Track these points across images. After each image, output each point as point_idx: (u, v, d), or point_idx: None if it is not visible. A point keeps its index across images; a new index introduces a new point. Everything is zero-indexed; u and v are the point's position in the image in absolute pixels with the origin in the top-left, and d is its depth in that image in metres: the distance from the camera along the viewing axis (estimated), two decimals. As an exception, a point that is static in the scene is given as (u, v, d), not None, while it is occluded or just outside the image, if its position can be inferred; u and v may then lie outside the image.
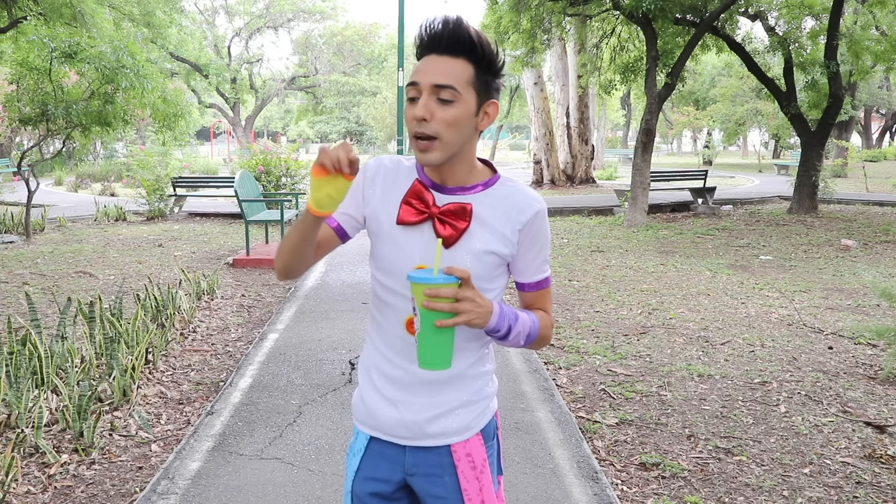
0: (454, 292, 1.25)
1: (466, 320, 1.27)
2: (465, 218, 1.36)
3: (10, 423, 3.48)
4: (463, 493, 1.42)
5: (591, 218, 13.18)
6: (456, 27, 1.30)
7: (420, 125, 1.30)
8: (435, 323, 1.25)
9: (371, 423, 1.46)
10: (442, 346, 1.29)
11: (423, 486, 1.44)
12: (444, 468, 1.43)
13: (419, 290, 1.25)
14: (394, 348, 1.42)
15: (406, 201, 1.38)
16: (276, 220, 8.32)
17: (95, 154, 26.97)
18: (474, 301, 1.28)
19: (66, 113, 9.11)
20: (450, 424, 1.42)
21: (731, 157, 44.57)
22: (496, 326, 1.34)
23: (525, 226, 1.39)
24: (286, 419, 3.75)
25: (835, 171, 16.86)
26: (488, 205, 1.38)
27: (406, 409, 1.42)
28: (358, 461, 1.48)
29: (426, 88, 1.30)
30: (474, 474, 1.43)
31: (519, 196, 1.40)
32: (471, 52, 1.31)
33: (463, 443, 1.44)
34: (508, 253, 1.40)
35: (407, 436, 1.43)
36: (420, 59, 1.33)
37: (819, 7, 12.81)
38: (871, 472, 3.19)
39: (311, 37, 31.69)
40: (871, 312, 6.04)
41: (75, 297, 5.38)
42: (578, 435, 3.56)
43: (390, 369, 1.43)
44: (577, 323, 5.76)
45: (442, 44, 1.30)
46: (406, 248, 1.38)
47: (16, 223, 10.62)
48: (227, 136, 40.72)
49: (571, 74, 19.26)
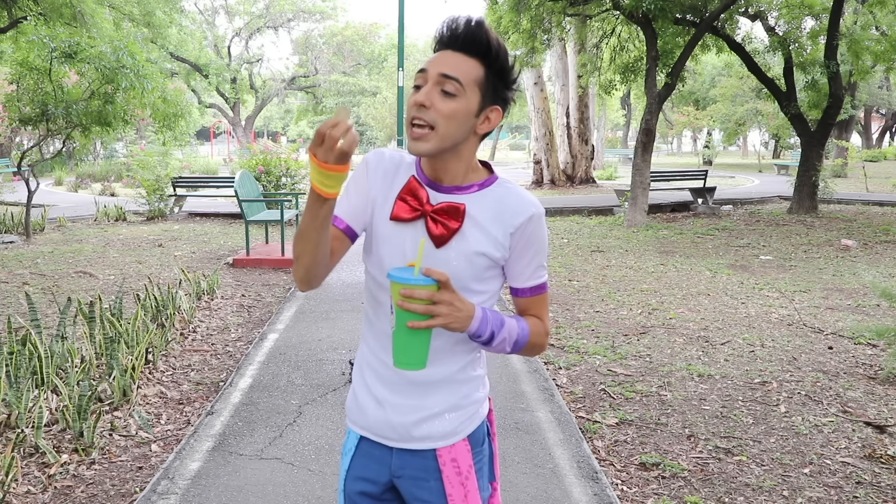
0: (430, 294, 1.23)
1: (442, 323, 1.25)
2: (458, 218, 1.34)
3: (10, 423, 3.48)
4: (448, 499, 1.41)
5: (591, 218, 13.18)
6: (477, 27, 1.31)
7: (419, 110, 1.29)
8: (406, 324, 1.24)
9: (361, 423, 1.46)
10: (416, 346, 1.27)
11: (408, 489, 1.44)
12: (429, 472, 1.42)
13: (396, 289, 1.24)
14: (385, 347, 1.41)
15: (401, 197, 1.36)
16: (276, 220, 8.32)
17: (95, 154, 26.97)
18: (452, 304, 1.26)
19: (66, 113, 9.11)
20: (435, 428, 1.41)
21: (731, 157, 44.57)
22: (477, 332, 1.32)
23: (518, 229, 1.37)
24: (286, 419, 3.75)
25: (835, 171, 16.86)
26: (482, 206, 1.37)
27: (392, 409, 1.41)
28: (349, 460, 1.48)
29: (433, 77, 1.30)
30: (459, 480, 1.41)
31: (513, 199, 1.38)
32: (485, 54, 1.31)
33: (448, 448, 1.42)
34: (500, 256, 1.38)
35: (393, 437, 1.42)
36: (436, 52, 1.34)
37: (819, 7, 12.81)
38: (871, 472, 3.19)
39: (311, 37, 31.68)
40: (871, 312, 6.04)
41: (75, 297, 5.38)
42: (578, 435, 3.56)
43: (381, 368, 1.42)
44: (577, 323, 5.76)
45: (459, 41, 1.31)
46: (398, 244, 1.37)
47: (16, 223, 10.63)
48: (227, 136, 40.71)
49: (571, 74, 19.27)
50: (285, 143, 24.36)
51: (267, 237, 9.30)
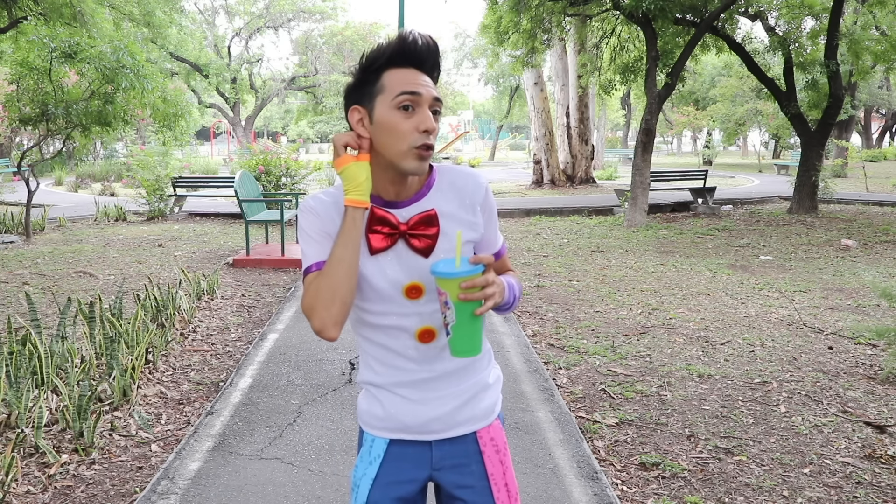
0: (484, 280, 1.27)
1: (497, 302, 1.30)
2: (434, 224, 1.37)
3: (10, 423, 3.48)
4: (490, 479, 1.46)
5: (591, 218, 13.18)
6: (435, 49, 1.37)
7: (429, 137, 1.33)
8: (475, 312, 1.27)
9: (392, 426, 1.44)
10: (476, 332, 1.31)
11: (450, 478, 1.46)
12: (470, 456, 1.46)
13: (452, 285, 1.26)
14: (412, 360, 1.42)
15: (371, 230, 1.37)
16: (277, 220, 8.32)
17: (95, 154, 26.99)
18: (496, 283, 1.30)
19: (66, 113, 9.11)
20: (476, 409, 1.46)
21: (731, 157, 44.58)
22: (507, 299, 1.38)
23: (482, 205, 1.44)
24: (286, 419, 3.75)
25: (835, 171, 16.86)
26: (444, 199, 1.41)
27: (433, 404, 1.43)
28: (377, 468, 1.45)
29: (427, 101, 1.33)
30: (498, 458, 1.48)
31: (463, 179, 1.44)
32: (436, 75, 1.39)
33: (486, 428, 1.48)
34: (478, 236, 1.44)
35: (437, 428, 1.43)
36: (388, 68, 1.34)
37: (819, 7, 12.81)
38: (871, 472, 3.19)
39: (311, 37, 31.66)
40: (871, 312, 6.04)
41: (75, 297, 5.38)
42: (578, 435, 3.56)
43: (412, 376, 1.42)
44: (577, 323, 5.76)
45: (426, 63, 1.36)
46: (388, 272, 1.37)
47: (16, 223, 10.63)
48: (227, 136, 40.72)
49: (571, 74, 19.26)
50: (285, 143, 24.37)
51: (267, 237, 9.30)
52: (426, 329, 1.39)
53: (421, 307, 1.38)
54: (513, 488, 1.48)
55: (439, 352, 1.41)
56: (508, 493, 1.47)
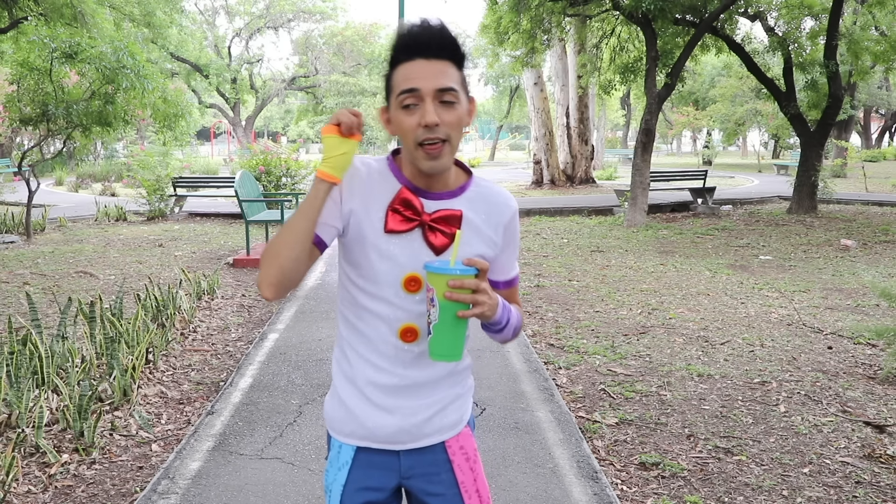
0: (475, 283, 1.25)
1: (480, 312, 1.27)
2: (457, 225, 1.35)
3: (10, 423, 3.49)
4: (460, 487, 1.44)
5: (591, 218, 13.19)
6: (442, 30, 1.30)
7: (432, 131, 1.28)
8: (457, 314, 1.26)
9: (360, 433, 1.42)
10: (457, 337, 1.29)
11: (420, 486, 1.44)
12: (440, 465, 1.44)
13: (440, 281, 1.24)
14: (386, 357, 1.39)
15: (393, 209, 1.34)
16: (277, 220, 8.33)
17: (96, 154, 27.00)
18: (488, 293, 1.28)
19: (67, 113, 9.12)
20: (444, 420, 1.43)
21: (730, 157, 44.57)
22: (499, 319, 1.35)
23: (506, 226, 1.42)
24: (286, 419, 3.75)
25: (834, 171, 16.86)
26: (474, 208, 1.39)
27: (403, 414, 1.40)
28: (346, 474, 1.43)
29: (429, 94, 1.28)
30: (468, 465, 1.46)
31: (497, 197, 1.42)
32: (454, 54, 1.32)
33: (455, 437, 1.46)
34: (493, 255, 1.41)
35: (404, 440, 1.41)
36: (398, 64, 1.31)
37: (819, 7, 12.82)
38: (870, 472, 3.20)
39: (311, 37, 31.68)
40: (871, 312, 6.04)
41: (76, 297, 5.38)
42: (578, 435, 3.56)
43: (382, 378, 1.39)
44: (577, 323, 5.77)
45: (432, 48, 1.30)
46: (394, 256, 1.35)
47: (16, 223, 10.63)
48: (227, 136, 40.73)
49: (571, 74, 19.26)
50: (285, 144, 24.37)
51: (267, 237, 9.31)
52: (410, 327, 1.36)
53: (412, 304, 1.36)
54: (484, 493, 1.47)
55: (415, 358, 1.38)
56: (480, 499, 1.46)
